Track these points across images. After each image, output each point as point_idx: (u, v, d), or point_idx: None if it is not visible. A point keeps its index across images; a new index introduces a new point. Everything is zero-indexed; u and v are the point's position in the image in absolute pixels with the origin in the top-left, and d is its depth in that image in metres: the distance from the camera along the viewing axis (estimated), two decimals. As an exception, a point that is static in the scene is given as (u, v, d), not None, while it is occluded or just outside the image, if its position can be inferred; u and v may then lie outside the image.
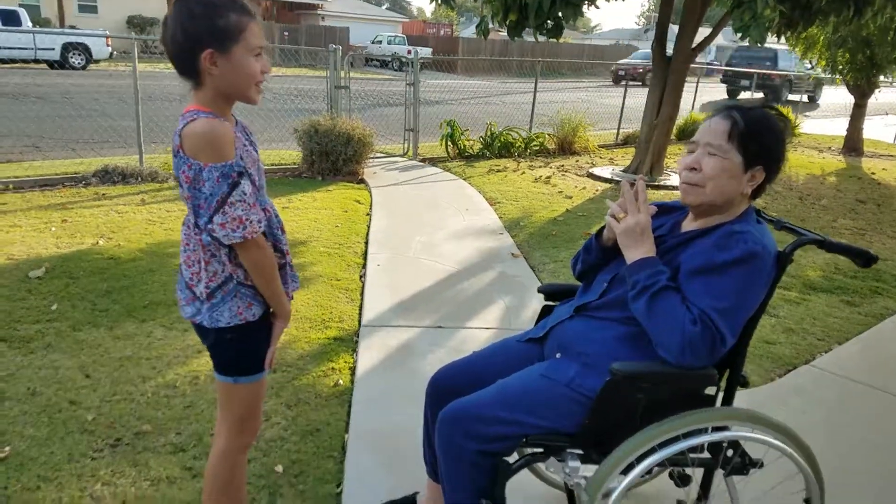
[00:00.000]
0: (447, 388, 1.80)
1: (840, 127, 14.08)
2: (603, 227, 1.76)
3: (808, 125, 14.38)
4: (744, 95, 20.35)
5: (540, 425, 1.55)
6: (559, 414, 1.55)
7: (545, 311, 1.96)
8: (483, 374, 1.77)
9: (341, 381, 2.79)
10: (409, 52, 29.30)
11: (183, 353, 2.95)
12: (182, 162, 1.41)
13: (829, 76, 13.57)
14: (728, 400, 1.61)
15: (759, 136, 1.53)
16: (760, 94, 19.67)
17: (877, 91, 12.69)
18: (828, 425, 2.67)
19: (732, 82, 21.95)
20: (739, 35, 6.23)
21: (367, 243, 4.74)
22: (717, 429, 1.53)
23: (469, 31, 58.99)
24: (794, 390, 2.94)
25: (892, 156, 11.82)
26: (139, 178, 6.23)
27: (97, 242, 4.36)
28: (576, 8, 6.90)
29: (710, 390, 1.54)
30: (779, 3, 6.03)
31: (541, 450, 1.58)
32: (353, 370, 2.91)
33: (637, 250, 1.56)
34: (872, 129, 14.13)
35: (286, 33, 29.39)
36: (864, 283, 4.43)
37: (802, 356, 3.30)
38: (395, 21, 41.71)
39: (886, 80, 13.30)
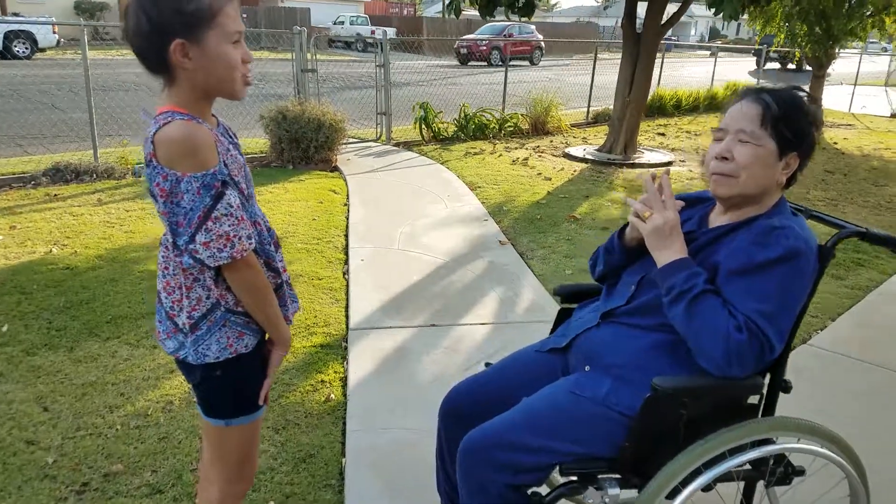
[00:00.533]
0: (463, 409, 1.64)
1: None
2: (625, 226, 1.60)
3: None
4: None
5: (574, 451, 1.40)
6: (594, 436, 1.40)
7: (562, 316, 1.80)
8: (502, 392, 1.61)
9: (333, 396, 2.60)
10: (373, 32, 28.76)
11: (153, 374, 2.72)
12: (156, 173, 1.21)
13: (789, 49, 13.67)
14: (770, 407, 1.47)
15: (794, 121, 1.39)
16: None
17: (833, 62, 12.84)
18: (842, 411, 2.58)
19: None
20: (713, 10, 6.13)
21: (347, 237, 4.53)
22: (759, 441, 1.40)
23: (432, 11, 58.24)
24: (798, 373, 2.85)
25: (850, 125, 11.96)
26: (94, 176, 5.86)
27: (51, 251, 4.04)
28: (548, -15, 6.72)
29: (753, 399, 1.41)
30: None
31: (574, 478, 1.42)
32: (344, 381, 2.72)
33: (668, 251, 1.41)
34: (830, 99, 14.31)
35: (244, 15, 28.36)
36: (846, 255, 4.40)
37: (800, 335, 3.23)
38: (357, 1, 40.83)
39: (845, 51, 13.44)
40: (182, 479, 2.10)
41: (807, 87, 1.59)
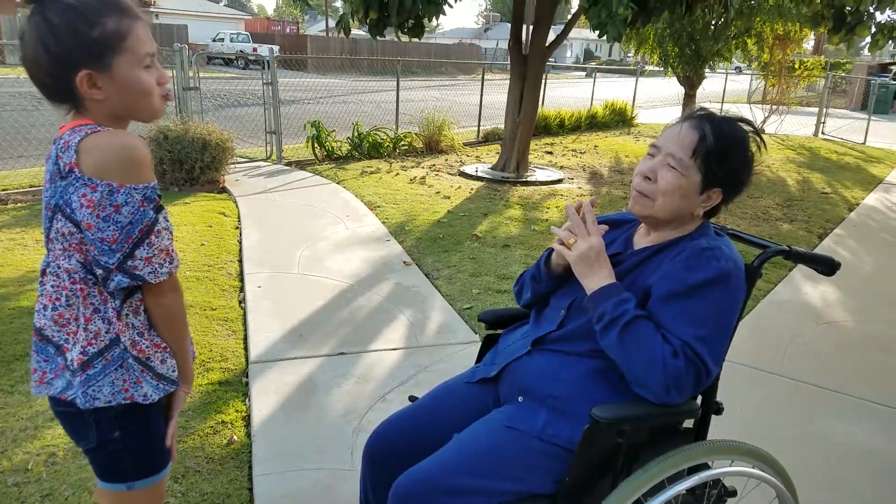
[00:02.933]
0: (389, 448, 1.53)
1: (673, 115, 15.33)
2: (550, 253, 1.56)
3: (644, 115, 15.50)
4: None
5: (515, 489, 1.33)
6: (534, 472, 1.34)
7: (489, 342, 1.73)
8: (432, 428, 1.52)
9: (235, 438, 2.38)
10: (255, 49, 27.95)
11: (32, 422, 2.38)
12: (80, 183, 1.06)
13: (660, 69, 14.77)
14: (703, 431, 1.48)
15: (727, 158, 1.38)
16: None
17: (703, 81, 14.01)
18: (751, 422, 2.71)
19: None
20: (597, 33, 6.45)
21: (241, 262, 4.26)
22: (695, 466, 1.40)
23: (315, 29, 57.64)
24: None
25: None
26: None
27: None
28: (437, 7, 6.80)
29: (688, 423, 1.41)
30: (630, 1, 6.30)
31: (515, 516, 1.35)
32: (247, 420, 2.51)
33: (596, 277, 1.39)
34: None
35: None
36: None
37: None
38: (237, 18, 39.60)
39: (711, 71, 14.68)
40: (64, 550, 1.82)
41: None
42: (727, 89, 17.70)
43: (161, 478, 1.26)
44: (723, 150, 1.37)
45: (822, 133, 14.08)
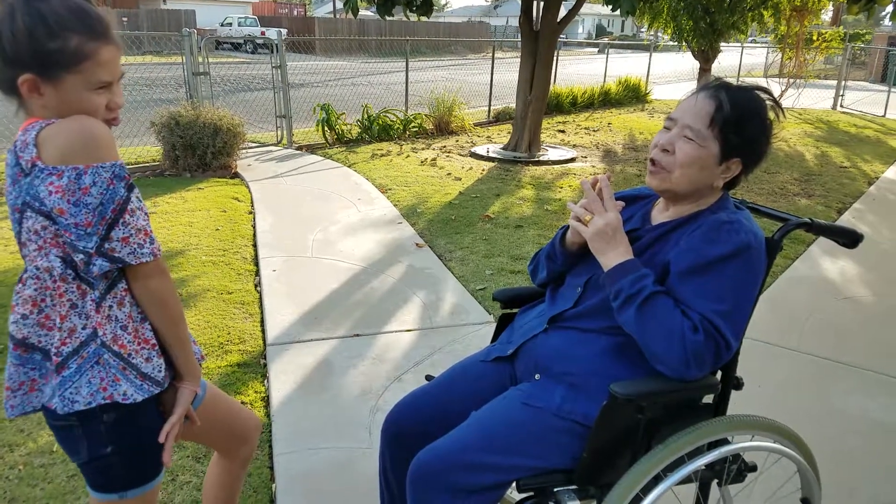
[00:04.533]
0: (407, 427, 1.53)
1: (688, 90, 15.12)
2: (565, 231, 1.54)
3: (659, 91, 15.30)
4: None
5: (532, 465, 1.33)
6: (552, 449, 1.34)
7: (504, 321, 1.73)
8: (449, 406, 1.52)
9: (256, 417, 2.41)
10: (263, 33, 27.84)
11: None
12: (45, 174, 1.05)
13: (674, 43, 14.53)
14: (723, 405, 1.47)
15: (744, 126, 1.35)
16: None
17: (718, 55, 13.77)
18: (772, 398, 2.70)
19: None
20: (610, 7, 6.35)
21: (255, 246, 4.28)
22: (715, 441, 1.39)
23: (322, 11, 57.23)
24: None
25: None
26: (-38, 192, 5.23)
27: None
28: (446, -16, 6.72)
29: (708, 397, 1.40)
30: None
31: (531, 493, 1.36)
32: (266, 401, 2.54)
33: (613, 254, 1.37)
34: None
35: (125, 19, 26.76)
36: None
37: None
38: (244, 2, 39.37)
39: (726, 45, 14.45)
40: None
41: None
42: (743, 63, 17.39)
43: (153, 486, 1.23)
44: (740, 118, 1.34)
45: (841, 106, 13.83)
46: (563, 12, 7.73)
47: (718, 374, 1.46)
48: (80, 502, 1.94)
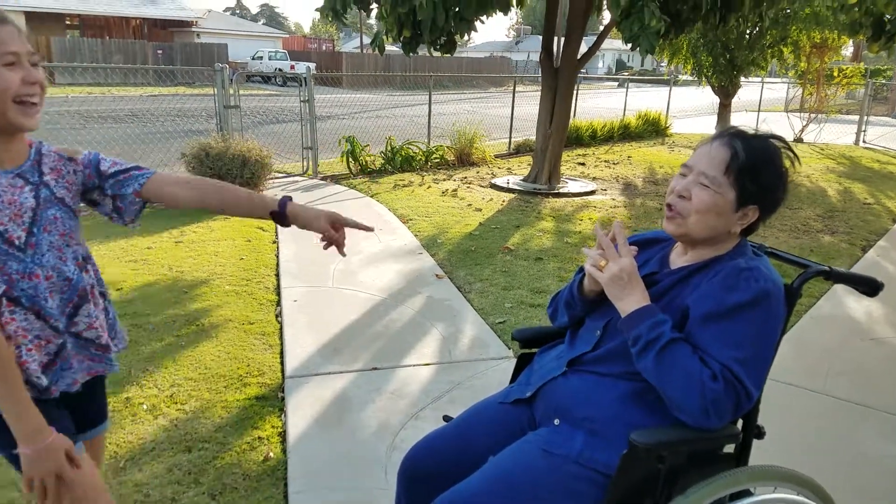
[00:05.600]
0: (424, 469, 1.53)
1: (708, 125, 15.12)
2: (582, 278, 1.55)
3: (678, 125, 15.30)
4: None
5: (552, 513, 1.32)
6: (571, 498, 1.33)
7: (523, 361, 1.73)
8: (467, 450, 1.51)
9: (272, 454, 2.41)
10: (293, 67, 28.52)
11: (74, 437, 2.45)
12: None
13: (694, 79, 14.60)
14: (744, 455, 1.45)
15: (759, 173, 1.36)
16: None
17: (738, 90, 13.80)
18: (795, 443, 2.64)
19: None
20: (630, 45, 6.41)
21: (278, 276, 4.33)
22: (737, 492, 1.37)
23: (349, 46, 58.57)
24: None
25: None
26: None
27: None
28: (469, 23, 6.85)
29: (728, 447, 1.38)
30: (662, 13, 6.25)
31: (550, 541, 1.34)
32: (283, 437, 2.54)
33: (630, 299, 1.37)
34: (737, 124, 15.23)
35: (160, 52, 27.69)
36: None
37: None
38: (274, 37, 40.45)
39: (746, 80, 14.47)
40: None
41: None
42: (763, 98, 17.37)
43: None
44: (755, 166, 1.36)
45: (864, 141, 13.69)
46: (584, 48, 7.83)
47: (740, 423, 1.44)
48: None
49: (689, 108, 19.78)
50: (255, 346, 3.30)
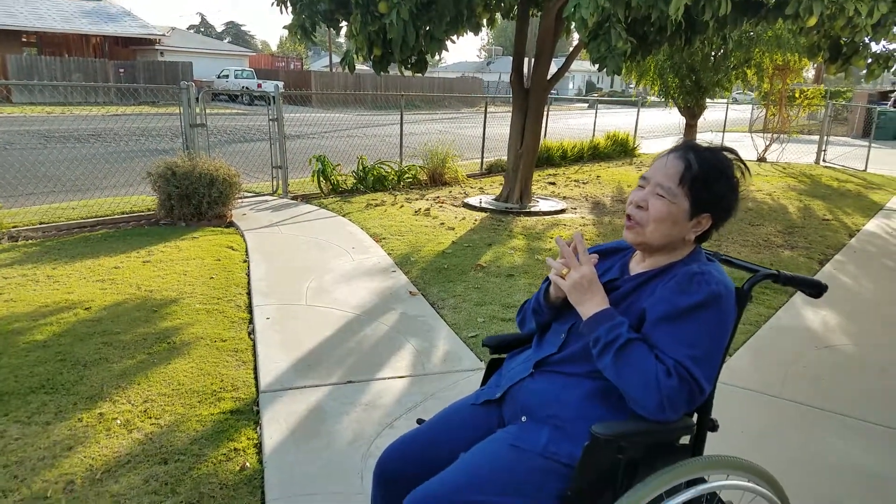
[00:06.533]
0: (398, 471, 1.59)
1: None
2: (548, 287, 1.64)
3: (646, 145, 15.69)
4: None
5: (519, 504, 1.38)
6: (537, 488, 1.40)
7: (493, 366, 1.80)
8: (439, 449, 1.58)
9: (248, 464, 2.44)
10: (259, 85, 28.50)
11: (49, 452, 2.44)
12: None
13: (661, 100, 15.01)
14: (699, 446, 1.54)
15: (712, 183, 1.47)
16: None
17: (703, 111, 14.22)
18: (751, 444, 2.75)
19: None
20: (597, 66, 6.62)
21: (249, 294, 4.35)
22: (692, 480, 1.46)
23: (318, 65, 58.69)
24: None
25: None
26: (-39, 240, 5.31)
27: (-87, 323, 3.59)
28: (440, 43, 6.98)
29: (685, 439, 1.47)
30: (629, 35, 6.48)
31: (518, 531, 1.41)
32: (259, 448, 2.56)
33: (589, 304, 1.47)
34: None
35: (122, 70, 27.38)
36: (732, 292, 4.76)
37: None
38: (240, 55, 40.36)
39: (712, 101, 14.92)
40: (82, 578, 1.87)
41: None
42: (728, 118, 17.92)
43: None
44: (707, 177, 1.46)
45: (824, 161, 14.21)
46: (554, 69, 8.04)
47: (695, 417, 1.53)
48: (72, 547, 1.96)
49: (657, 129, 20.29)
50: (228, 363, 3.32)
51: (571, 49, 8.19)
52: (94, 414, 2.73)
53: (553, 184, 9.94)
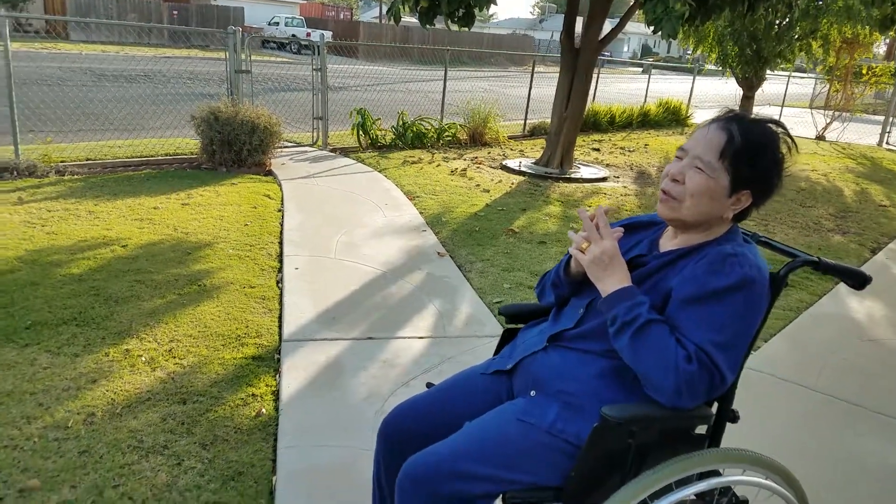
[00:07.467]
0: (403, 430, 1.57)
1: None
2: (569, 260, 1.57)
3: (700, 115, 15.12)
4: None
5: (520, 480, 1.35)
6: (542, 465, 1.36)
7: (507, 336, 1.75)
8: (445, 415, 1.55)
9: (264, 410, 2.47)
10: (309, 34, 28.36)
11: (74, 383, 2.51)
12: None
13: (719, 68, 14.37)
14: (717, 437, 1.47)
15: (755, 158, 1.36)
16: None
17: (762, 83, 13.58)
18: (777, 435, 2.66)
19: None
20: (652, 29, 6.32)
21: (281, 244, 4.37)
22: (705, 472, 1.39)
23: (369, 16, 57.98)
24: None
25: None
26: (15, 174, 5.48)
27: (-40, 250, 3.73)
28: (489, -3, 6.77)
29: (701, 428, 1.40)
30: (687, -2, 6.15)
31: (519, 507, 1.37)
32: (276, 395, 2.59)
33: (609, 280, 1.38)
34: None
35: (175, 12, 27.58)
36: (773, 274, 4.58)
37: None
38: (292, 2, 40.13)
39: (772, 73, 14.21)
40: (103, 497, 1.95)
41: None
42: (789, 93, 17.09)
43: None
44: (751, 151, 1.35)
45: (887, 143, 13.48)
46: (607, 29, 7.72)
47: (715, 406, 1.46)
48: (88, 478, 2.02)
49: (712, 99, 19.51)
50: (254, 309, 3.35)
51: (627, 9, 7.84)
52: (120, 349, 2.80)
53: (597, 150, 9.68)
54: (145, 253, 3.96)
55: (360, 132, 8.14)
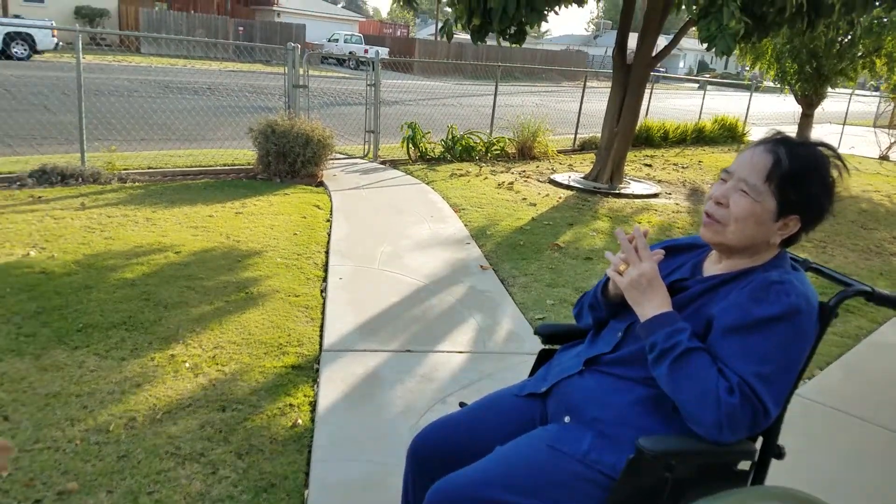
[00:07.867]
0: (433, 450, 1.54)
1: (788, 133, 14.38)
2: (607, 281, 1.52)
3: (757, 132, 14.65)
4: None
5: (550, 508, 1.31)
6: (572, 496, 1.31)
7: (543, 357, 1.72)
8: (476, 437, 1.52)
9: (300, 421, 2.49)
10: (366, 51, 28.95)
11: (118, 387, 2.59)
12: None
13: (777, 85, 13.92)
14: (761, 474, 1.40)
15: (803, 182, 1.30)
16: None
17: (822, 101, 13.08)
18: (829, 469, 2.52)
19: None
20: (706, 46, 6.18)
21: (327, 253, 4.43)
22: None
23: (425, 33, 58.79)
24: (784, 425, 2.79)
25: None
26: (80, 180, 5.75)
27: (28, 253, 3.91)
28: (540, 14, 6.76)
29: (744, 464, 1.33)
30: (743, 14, 5.99)
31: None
32: (313, 406, 2.61)
33: (648, 305, 1.33)
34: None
35: (241, 28, 28.69)
36: (833, 300, 4.37)
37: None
38: (352, 20, 41.08)
39: (833, 91, 13.68)
40: (137, 503, 1.98)
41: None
42: (851, 111, 16.40)
43: None
44: (799, 175, 1.29)
45: (956, 163, 12.76)
46: (662, 46, 7.60)
47: (759, 441, 1.39)
48: (124, 483, 2.06)
49: (770, 116, 18.91)
50: (297, 318, 3.40)
51: (682, 26, 7.70)
52: (166, 354, 2.88)
53: (649, 165, 9.49)
54: (197, 260, 4.07)
55: (410, 145, 8.23)
